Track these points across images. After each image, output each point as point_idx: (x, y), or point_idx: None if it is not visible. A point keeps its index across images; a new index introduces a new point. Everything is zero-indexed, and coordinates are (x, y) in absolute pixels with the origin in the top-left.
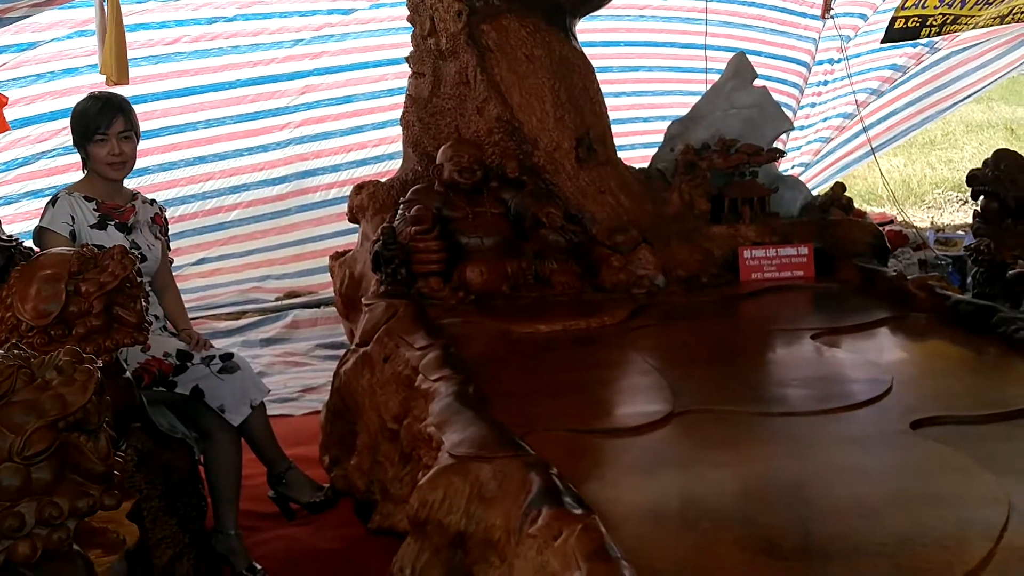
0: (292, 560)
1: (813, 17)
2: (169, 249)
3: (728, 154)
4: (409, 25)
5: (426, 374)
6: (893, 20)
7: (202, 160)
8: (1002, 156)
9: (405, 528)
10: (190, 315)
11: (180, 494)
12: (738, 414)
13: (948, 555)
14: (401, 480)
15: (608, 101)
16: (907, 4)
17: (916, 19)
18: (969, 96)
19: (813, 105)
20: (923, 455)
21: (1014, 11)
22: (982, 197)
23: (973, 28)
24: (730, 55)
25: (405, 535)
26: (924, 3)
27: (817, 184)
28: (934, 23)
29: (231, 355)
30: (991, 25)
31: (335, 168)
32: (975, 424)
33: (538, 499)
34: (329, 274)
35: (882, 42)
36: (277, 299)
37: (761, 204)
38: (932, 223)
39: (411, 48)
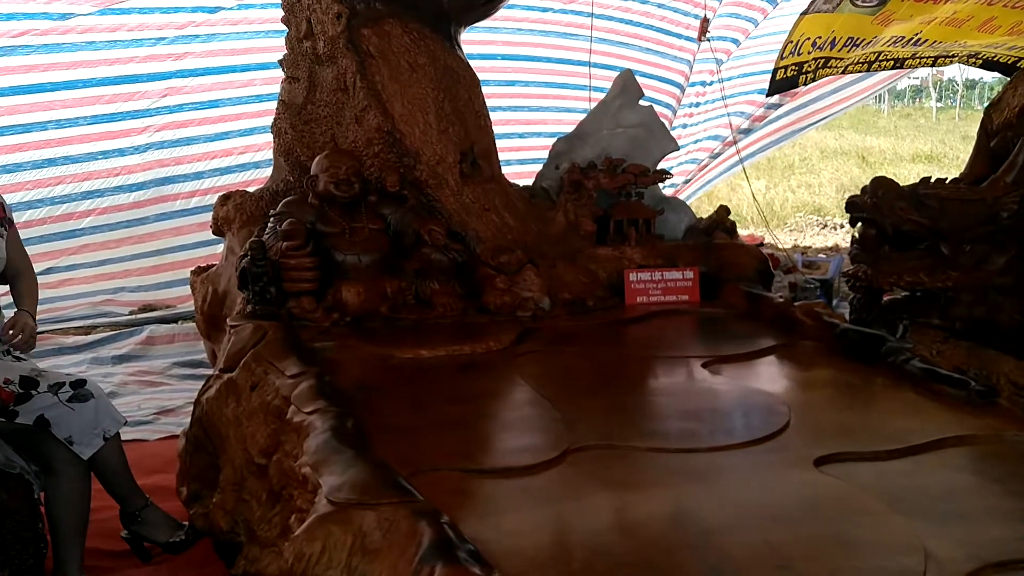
0: None
1: (689, 39)
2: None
3: (614, 174)
4: (283, 27)
5: (299, 406)
6: (775, 72)
7: (52, 163)
8: (880, 184)
9: (273, 574)
10: None
11: (15, 539)
12: (636, 450)
13: None
14: (269, 521)
15: None
16: (785, 54)
17: (794, 67)
18: (822, 119)
19: (685, 126)
20: (831, 496)
21: (880, 57)
22: (860, 224)
23: (843, 72)
24: (607, 72)
25: None
26: (799, 49)
27: (686, 198)
28: (809, 68)
29: (83, 382)
30: (860, 71)
31: (198, 175)
32: (877, 461)
33: (430, 553)
34: (190, 288)
35: (768, 95)
36: (131, 313)
37: (647, 226)
38: (795, 245)
39: (285, 51)
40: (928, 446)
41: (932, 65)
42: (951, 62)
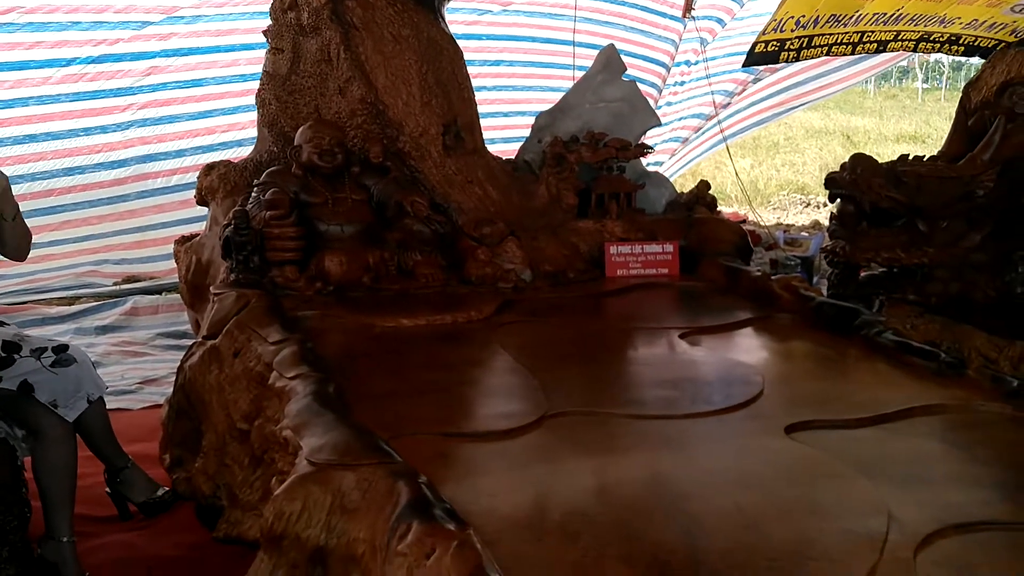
0: (128, 569)
1: (673, 18)
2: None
3: (596, 148)
4: (268, 11)
5: (281, 371)
6: (754, 46)
7: (33, 139)
8: (859, 161)
9: (254, 537)
10: (16, 300)
11: None
12: (612, 416)
13: (836, 569)
14: (251, 485)
15: None
16: (767, 30)
17: (775, 43)
18: (808, 102)
19: (670, 104)
20: (800, 461)
21: (864, 38)
22: (838, 200)
23: (827, 54)
24: (592, 51)
25: (253, 544)
26: (782, 27)
27: (671, 174)
28: (792, 47)
29: (65, 347)
30: (844, 53)
31: (180, 153)
32: (847, 428)
33: (407, 512)
34: (174, 259)
35: (743, 66)
36: (115, 284)
37: (628, 200)
38: (779, 223)
39: (269, 23)
40: (897, 415)
41: (914, 50)
42: (933, 48)
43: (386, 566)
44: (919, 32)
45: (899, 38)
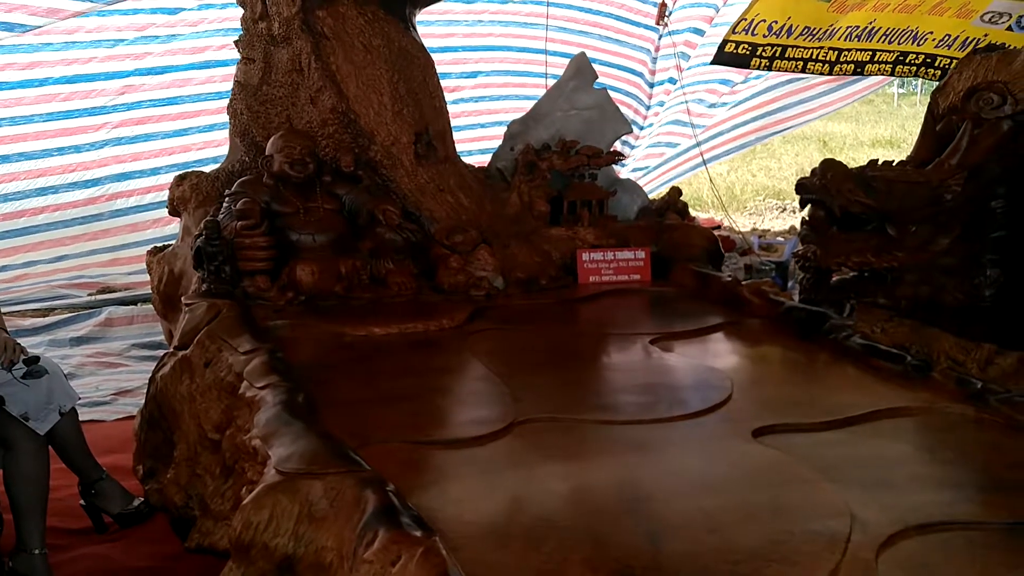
0: None
1: (647, 27)
2: None
3: (568, 155)
4: (239, 21)
5: (251, 381)
6: (724, 43)
7: (6, 159)
8: (829, 166)
9: (226, 547)
10: None
11: None
12: (581, 422)
13: (798, 571)
14: (222, 495)
15: None
16: (737, 29)
17: (746, 46)
18: (789, 127)
19: (653, 125)
20: (766, 465)
21: (841, 58)
22: (809, 205)
23: (803, 71)
24: (566, 60)
25: (226, 554)
26: (753, 30)
27: (651, 190)
28: (764, 54)
29: (36, 359)
30: (822, 72)
31: (155, 171)
32: (813, 432)
33: (374, 519)
34: (147, 271)
35: (711, 63)
36: (90, 295)
37: (600, 207)
38: (754, 229)
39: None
40: (863, 418)
41: (892, 74)
42: (910, 72)
43: (353, 574)
44: (895, 53)
45: (876, 60)
